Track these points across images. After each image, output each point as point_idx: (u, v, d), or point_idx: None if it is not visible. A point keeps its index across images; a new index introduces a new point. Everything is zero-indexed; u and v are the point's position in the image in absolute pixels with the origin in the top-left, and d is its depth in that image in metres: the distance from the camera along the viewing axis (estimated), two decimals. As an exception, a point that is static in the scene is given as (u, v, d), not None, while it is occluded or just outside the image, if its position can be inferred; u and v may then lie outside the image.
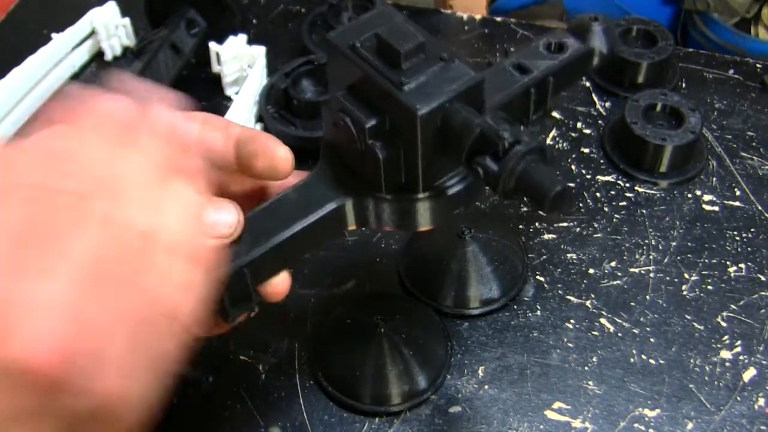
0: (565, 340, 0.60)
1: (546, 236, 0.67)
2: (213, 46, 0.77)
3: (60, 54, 0.82)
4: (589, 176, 0.71)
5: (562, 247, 0.66)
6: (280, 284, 0.44)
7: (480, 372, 0.59)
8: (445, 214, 0.46)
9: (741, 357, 0.59)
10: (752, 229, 0.67)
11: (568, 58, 0.50)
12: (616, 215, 0.68)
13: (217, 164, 0.45)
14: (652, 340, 0.60)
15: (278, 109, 0.74)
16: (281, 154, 0.43)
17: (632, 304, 0.62)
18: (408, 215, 0.45)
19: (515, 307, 0.62)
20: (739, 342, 0.60)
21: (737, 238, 0.66)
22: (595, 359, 0.59)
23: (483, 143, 0.39)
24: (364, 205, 0.45)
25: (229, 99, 0.79)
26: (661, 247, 0.66)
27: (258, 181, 0.47)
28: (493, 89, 0.47)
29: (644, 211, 0.68)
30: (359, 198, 0.45)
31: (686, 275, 0.64)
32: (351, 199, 0.45)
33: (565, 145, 0.74)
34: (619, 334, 0.60)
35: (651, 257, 0.65)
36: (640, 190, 0.70)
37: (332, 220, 0.45)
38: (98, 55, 0.86)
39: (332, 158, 0.46)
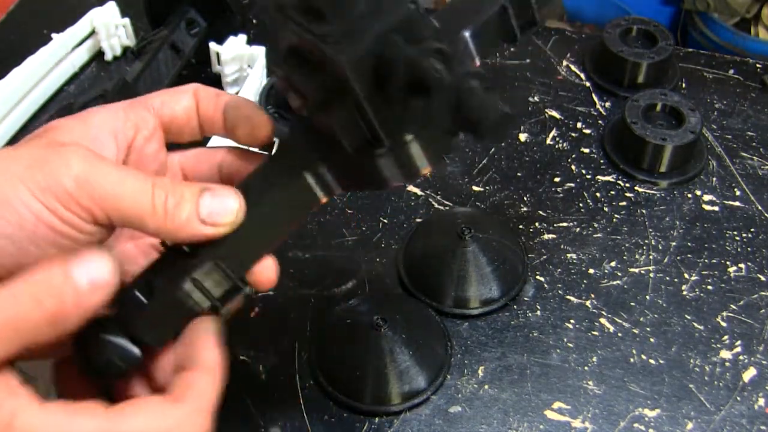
0: (565, 340, 0.60)
1: (546, 236, 0.67)
2: (213, 46, 0.77)
3: (60, 54, 0.82)
4: (589, 176, 0.71)
5: (562, 247, 0.66)
6: (265, 271, 0.43)
7: (480, 372, 0.59)
8: (416, 166, 0.42)
9: (741, 357, 0.59)
10: (752, 229, 0.67)
11: None
12: (616, 215, 0.68)
13: (206, 131, 0.45)
14: (652, 340, 0.60)
15: (278, 109, 0.74)
16: (260, 121, 0.44)
17: (632, 304, 0.62)
18: (370, 172, 0.42)
19: (515, 307, 0.62)
20: (739, 342, 0.60)
21: (737, 238, 0.66)
22: (595, 359, 0.59)
23: (417, 79, 0.36)
24: (330, 169, 0.43)
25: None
26: (661, 247, 0.66)
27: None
28: (466, 14, 0.43)
29: (644, 211, 0.68)
30: (325, 163, 0.43)
31: (686, 275, 0.64)
32: (316, 169, 0.43)
33: (565, 145, 0.74)
34: (619, 334, 0.60)
35: (651, 257, 0.65)
36: (640, 190, 0.70)
37: (300, 195, 0.43)
38: (98, 55, 0.85)
39: (297, 133, 0.44)
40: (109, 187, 0.38)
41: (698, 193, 0.70)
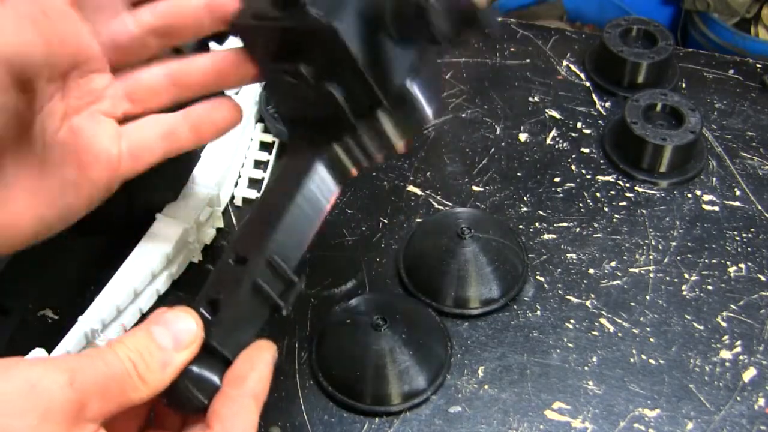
0: (565, 340, 0.60)
1: (546, 236, 0.67)
2: (213, 46, 0.77)
3: (60, 54, 0.82)
4: (589, 176, 0.71)
5: (562, 247, 0.66)
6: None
7: (480, 372, 0.59)
8: (419, 118, 0.46)
9: (741, 357, 0.59)
10: (752, 229, 0.67)
11: None
12: (616, 215, 0.68)
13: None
14: (652, 340, 0.60)
15: (278, 109, 0.74)
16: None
17: (632, 304, 0.62)
18: (385, 133, 0.45)
19: (515, 307, 0.62)
20: (739, 342, 0.60)
21: (737, 238, 0.66)
22: (595, 359, 0.59)
23: (405, 12, 0.40)
24: (348, 146, 0.46)
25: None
26: (661, 247, 0.66)
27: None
28: None
29: (644, 211, 0.68)
30: (340, 143, 0.45)
31: (686, 275, 0.64)
32: (333, 149, 0.45)
33: (565, 145, 0.74)
34: (619, 334, 0.60)
35: (651, 257, 0.65)
36: (640, 190, 0.70)
37: (328, 177, 0.46)
38: (98, 55, 0.85)
39: (298, 129, 0.47)
40: None
41: (698, 193, 0.70)
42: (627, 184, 0.71)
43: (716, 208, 0.69)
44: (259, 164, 0.72)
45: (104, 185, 0.44)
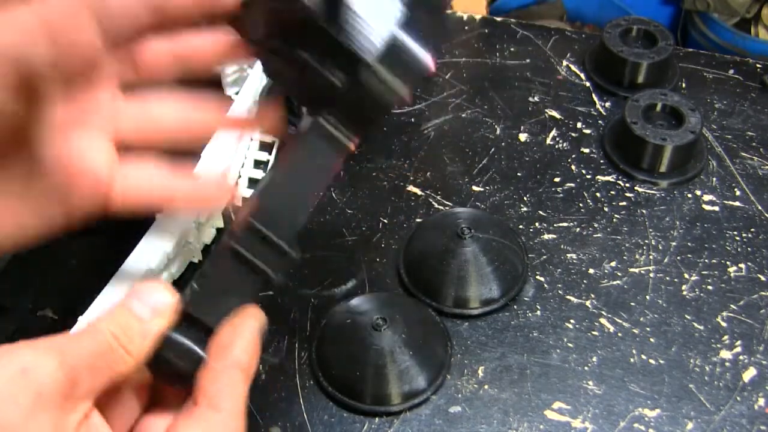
0: (565, 340, 0.60)
1: (546, 236, 0.67)
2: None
3: (60, 54, 0.82)
4: (589, 176, 0.71)
5: (562, 247, 0.66)
6: None
7: (480, 372, 0.59)
8: (414, 69, 0.45)
9: (741, 357, 0.59)
10: (752, 229, 0.67)
11: None
12: (616, 215, 0.68)
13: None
14: (652, 340, 0.60)
15: (278, 109, 0.74)
16: None
17: (632, 304, 0.62)
18: (377, 92, 0.45)
19: (515, 307, 0.62)
20: (739, 342, 0.60)
21: (737, 238, 0.66)
22: (595, 359, 0.59)
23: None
24: (339, 117, 0.45)
25: (229, 99, 0.79)
26: (661, 247, 0.66)
27: None
28: None
29: (644, 211, 0.68)
30: (330, 113, 0.45)
31: (686, 275, 0.64)
32: (320, 121, 0.45)
33: (565, 145, 0.74)
34: (619, 334, 0.60)
35: (651, 257, 0.65)
36: (640, 190, 0.70)
37: (323, 147, 0.45)
38: (98, 55, 0.85)
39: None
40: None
41: (698, 193, 0.70)
42: (627, 184, 0.71)
43: (716, 208, 0.69)
44: (259, 164, 0.72)
45: (88, 202, 0.44)
